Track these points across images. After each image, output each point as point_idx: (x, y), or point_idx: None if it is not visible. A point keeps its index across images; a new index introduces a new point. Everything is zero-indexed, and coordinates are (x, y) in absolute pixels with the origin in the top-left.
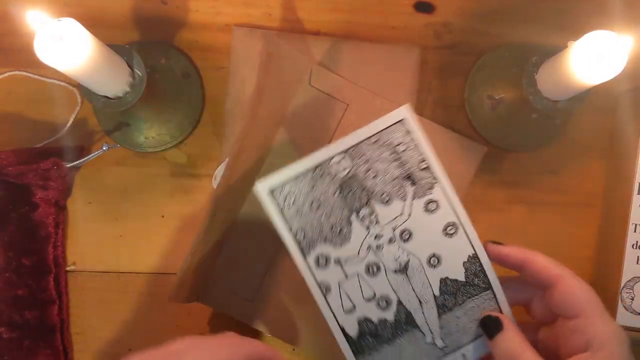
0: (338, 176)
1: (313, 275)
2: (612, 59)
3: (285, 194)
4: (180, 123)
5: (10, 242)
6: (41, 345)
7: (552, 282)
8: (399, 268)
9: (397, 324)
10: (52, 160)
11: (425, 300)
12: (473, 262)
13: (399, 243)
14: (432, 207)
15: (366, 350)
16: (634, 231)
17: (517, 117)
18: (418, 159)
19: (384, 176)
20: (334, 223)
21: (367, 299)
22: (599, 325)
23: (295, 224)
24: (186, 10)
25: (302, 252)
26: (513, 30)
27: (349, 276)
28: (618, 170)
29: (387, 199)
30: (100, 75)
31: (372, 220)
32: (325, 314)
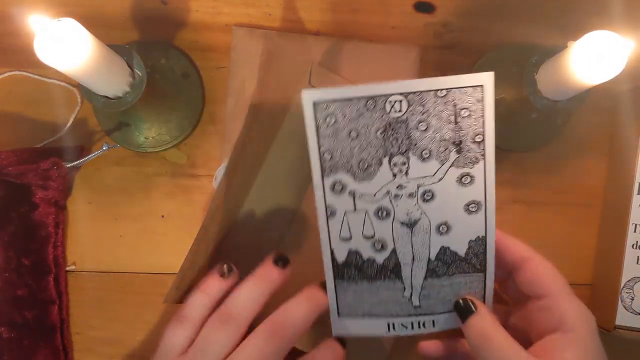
0: (389, 115)
1: (324, 195)
2: (612, 59)
3: (328, 113)
4: (180, 123)
5: (10, 242)
6: (41, 345)
7: (521, 263)
8: (407, 222)
9: (384, 268)
10: (52, 160)
11: (418, 259)
12: (479, 243)
13: (418, 200)
14: (466, 180)
15: (346, 279)
16: (634, 231)
17: (517, 117)
18: (476, 130)
19: (434, 133)
20: (364, 158)
21: (365, 236)
22: (567, 305)
23: (326, 144)
24: (186, 10)
25: (322, 171)
26: (513, 30)
27: (357, 210)
28: (618, 170)
29: (426, 155)
30: (100, 75)
31: (402, 170)
32: (322, 234)
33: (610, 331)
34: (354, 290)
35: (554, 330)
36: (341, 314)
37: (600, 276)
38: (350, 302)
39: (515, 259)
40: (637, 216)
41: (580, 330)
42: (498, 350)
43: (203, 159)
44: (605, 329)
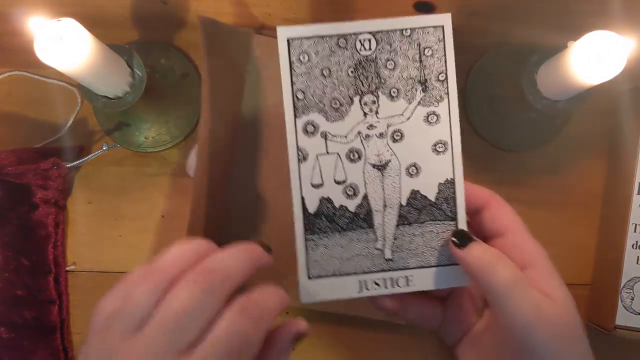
0: (359, 54)
1: (296, 138)
2: (612, 59)
3: (301, 50)
4: (180, 123)
5: (10, 242)
6: (41, 345)
7: (483, 204)
8: (378, 163)
9: (355, 217)
10: (52, 160)
11: (390, 205)
12: (448, 186)
13: (388, 140)
14: (432, 119)
15: (316, 232)
16: (634, 231)
17: (517, 117)
18: (439, 69)
19: (401, 72)
20: (336, 97)
21: (337, 182)
22: (529, 240)
23: (299, 83)
24: (186, 10)
25: (295, 111)
26: (513, 30)
27: (329, 153)
28: (618, 170)
29: (394, 94)
30: (100, 75)
31: (372, 109)
32: (293, 181)
33: (610, 331)
34: (324, 245)
35: (524, 266)
36: (311, 275)
37: (600, 276)
38: (320, 260)
39: (478, 202)
40: (637, 216)
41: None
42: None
43: None
44: (605, 329)
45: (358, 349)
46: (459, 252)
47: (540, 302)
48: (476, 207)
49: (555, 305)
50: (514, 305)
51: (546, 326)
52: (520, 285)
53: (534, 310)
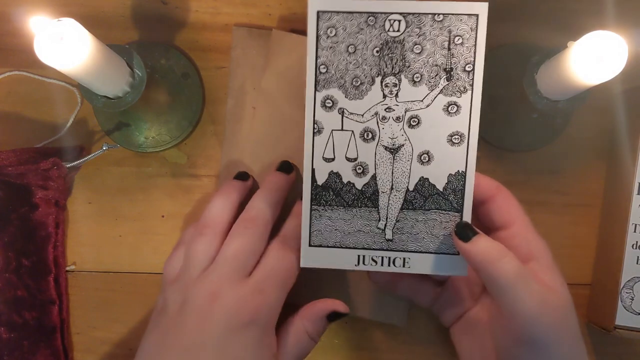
0: (387, 34)
1: (314, 111)
2: (612, 59)
3: (330, 24)
4: (180, 123)
5: (10, 242)
6: (41, 345)
7: (489, 196)
8: (391, 146)
9: (362, 195)
10: (52, 160)
11: (397, 188)
12: (458, 178)
13: (404, 125)
14: (452, 109)
15: (322, 203)
16: (633, 231)
17: (517, 117)
18: (467, 59)
19: (427, 57)
20: (358, 75)
21: (348, 159)
22: (532, 233)
23: (324, 57)
24: (186, 10)
25: (315, 84)
26: (513, 30)
27: (344, 129)
28: (618, 170)
29: (417, 79)
30: (100, 75)
31: (392, 92)
32: (306, 151)
33: (610, 331)
34: (328, 217)
35: (527, 259)
36: (312, 243)
37: (600, 276)
38: (323, 230)
39: (485, 192)
40: (637, 216)
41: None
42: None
43: (203, 159)
44: (605, 329)
45: (358, 349)
46: (462, 244)
47: (543, 294)
48: (482, 197)
49: (556, 296)
50: (518, 297)
51: (549, 317)
52: (525, 278)
53: (538, 302)
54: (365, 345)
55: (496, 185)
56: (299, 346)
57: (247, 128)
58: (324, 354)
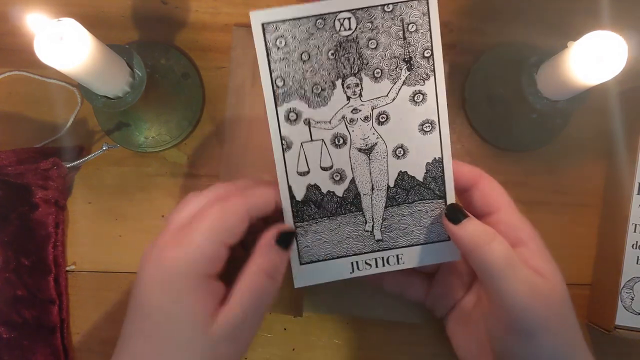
0: (339, 34)
1: (279, 127)
2: (612, 59)
3: (278, 35)
4: (180, 123)
5: (10, 242)
6: (41, 345)
7: (472, 183)
8: (364, 147)
9: (343, 201)
10: (52, 160)
11: (377, 187)
12: (436, 166)
13: (373, 123)
14: (418, 98)
15: (305, 218)
16: (633, 231)
17: (516, 117)
18: (424, 45)
19: (384, 51)
20: (317, 82)
21: (323, 168)
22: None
23: (278, 70)
24: (186, 10)
25: (275, 100)
26: (513, 30)
27: (313, 140)
28: (618, 170)
29: (378, 75)
30: (100, 75)
31: (355, 92)
32: (278, 169)
33: (611, 331)
34: (314, 231)
35: (515, 244)
36: (303, 261)
37: (600, 276)
38: (311, 245)
39: (467, 181)
40: (637, 216)
41: (535, 239)
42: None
43: (203, 159)
44: (605, 329)
45: (358, 349)
46: (452, 227)
47: (533, 281)
48: (465, 185)
49: (548, 283)
50: (507, 283)
51: (539, 305)
52: (514, 263)
53: (528, 289)
54: (365, 345)
55: (478, 172)
56: (255, 287)
57: (247, 128)
58: (324, 354)
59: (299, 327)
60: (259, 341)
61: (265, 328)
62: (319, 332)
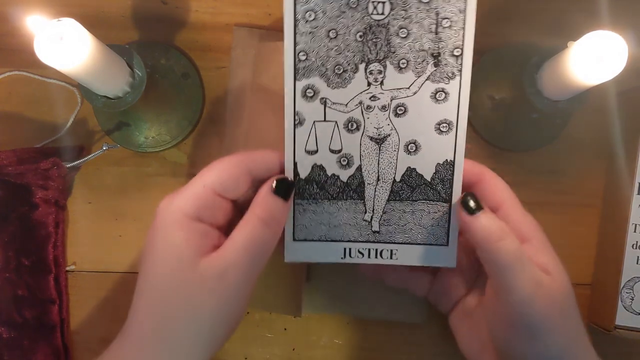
0: (371, 17)
1: (294, 102)
2: (613, 59)
3: (308, 7)
4: (180, 123)
5: (10, 242)
6: (41, 345)
7: (476, 179)
8: (376, 137)
9: (347, 187)
10: (52, 160)
11: (383, 179)
12: (447, 168)
13: (390, 114)
14: (440, 96)
15: (306, 197)
16: (634, 231)
17: (517, 117)
18: (455, 43)
19: (413, 42)
20: (340, 62)
21: (332, 150)
22: (522, 215)
23: (302, 43)
24: (186, 10)
25: (295, 73)
26: (513, 30)
27: (327, 120)
28: (618, 170)
29: (404, 65)
30: (100, 75)
31: (377, 79)
32: (286, 144)
33: (610, 331)
34: (312, 211)
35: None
36: (297, 237)
37: (600, 276)
38: (307, 224)
39: (470, 177)
40: (637, 216)
41: (539, 236)
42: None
43: (203, 159)
44: (605, 329)
45: (358, 349)
46: (466, 217)
47: (540, 278)
48: (468, 182)
49: (554, 281)
50: (515, 279)
51: (544, 302)
52: (523, 260)
53: (534, 286)
54: (365, 345)
55: (481, 168)
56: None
57: (247, 128)
58: (324, 354)
59: (299, 327)
60: (259, 341)
61: (265, 328)
62: (319, 332)
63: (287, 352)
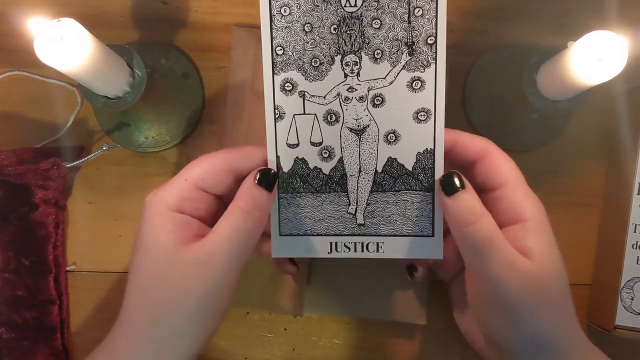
0: (344, 10)
1: (273, 96)
2: (612, 59)
3: (283, 2)
4: (180, 123)
5: (10, 242)
6: (41, 345)
7: (479, 156)
8: (356, 128)
9: (329, 180)
10: (52, 160)
11: (365, 171)
12: (427, 156)
13: (368, 105)
14: (416, 85)
15: (290, 190)
16: (634, 231)
17: (517, 117)
18: (429, 31)
19: (387, 32)
20: (317, 55)
21: (312, 143)
22: (523, 195)
23: (279, 38)
24: (186, 10)
25: (273, 67)
26: (513, 30)
27: (306, 113)
28: (618, 170)
29: (378, 56)
30: (100, 75)
31: (353, 70)
32: (268, 138)
33: (610, 331)
34: (297, 204)
35: (512, 222)
36: (282, 232)
37: (600, 276)
38: (292, 218)
39: (474, 154)
40: (637, 216)
41: (537, 218)
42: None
43: None
44: (605, 329)
45: (358, 349)
46: (442, 197)
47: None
48: (473, 158)
49: (534, 265)
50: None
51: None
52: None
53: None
54: (365, 345)
55: (485, 143)
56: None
57: (246, 128)
58: (324, 354)
59: (299, 327)
60: (259, 341)
61: (265, 328)
62: (319, 332)
63: (287, 352)
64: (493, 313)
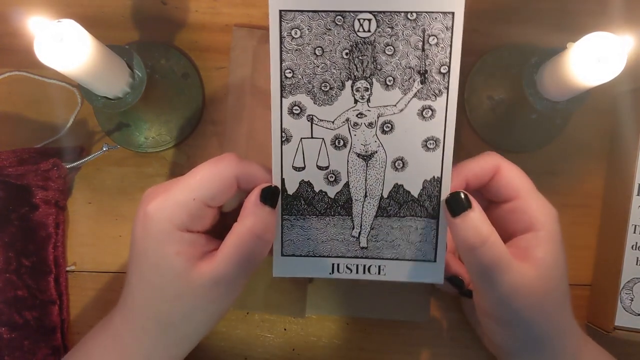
0: (357, 35)
1: (281, 118)
2: (612, 60)
3: (294, 24)
4: (180, 123)
5: (11, 242)
6: (41, 345)
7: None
8: (363, 153)
9: (334, 203)
10: (52, 160)
11: (370, 196)
12: (434, 184)
13: (377, 131)
14: (427, 113)
15: (294, 213)
16: (633, 232)
17: (516, 118)
18: (442, 60)
19: (400, 59)
20: (327, 79)
21: (319, 167)
22: (535, 204)
23: (289, 60)
24: (186, 11)
25: (281, 90)
26: (513, 30)
27: (314, 137)
28: (618, 171)
29: (390, 83)
30: (100, 75)
31: (364, 96)
32: (274, 161)
33: (610, 332)
34: (300, 226)
35: (525, 231)
36: (285, 253)
37: (600, 277)
38: (295, 240)
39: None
40: (637, 217)
41: (548, 227)
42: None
43: (203, 159)
44: (604, 329)
45: (358, 349)
46: (450, 219)
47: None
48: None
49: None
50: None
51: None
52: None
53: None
54: (365, 345)
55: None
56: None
57: (247, 128)
58: (324, 354)
59: (299, 327)
60: (259, 341)
61: (266, 328)
62: (319, 332)
63: (287, 353)
64: (496, 324)
